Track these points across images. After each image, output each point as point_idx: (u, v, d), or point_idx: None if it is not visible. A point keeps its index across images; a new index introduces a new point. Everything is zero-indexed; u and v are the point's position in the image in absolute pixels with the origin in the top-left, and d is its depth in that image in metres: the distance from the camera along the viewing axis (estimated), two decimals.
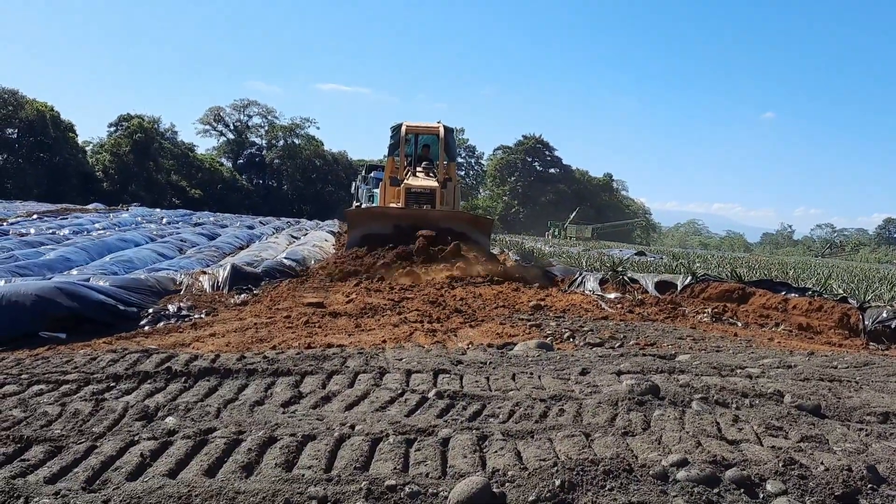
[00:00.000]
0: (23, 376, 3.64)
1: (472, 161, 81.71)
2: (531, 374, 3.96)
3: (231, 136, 69.86)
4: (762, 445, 2.81)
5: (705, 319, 7.33)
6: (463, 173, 73.75)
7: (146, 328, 5.76)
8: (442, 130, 12.55)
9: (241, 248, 14.24)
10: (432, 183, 11.94)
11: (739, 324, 7.26)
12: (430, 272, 9.39)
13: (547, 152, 79.37)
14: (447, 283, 8.86)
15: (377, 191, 14.94)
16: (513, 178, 77.77)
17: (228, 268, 8.51)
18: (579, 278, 9.95)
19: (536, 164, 79.64)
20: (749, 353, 5.10)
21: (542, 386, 3.72)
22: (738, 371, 4.17)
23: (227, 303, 7.27)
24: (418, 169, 12.65)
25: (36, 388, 3.46)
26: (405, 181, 11.99)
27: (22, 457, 2.53)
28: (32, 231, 14.00)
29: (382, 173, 14.83)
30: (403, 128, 12.57)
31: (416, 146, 13.32)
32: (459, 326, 6.23)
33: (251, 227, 21.54)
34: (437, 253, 10.04)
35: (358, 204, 20.64)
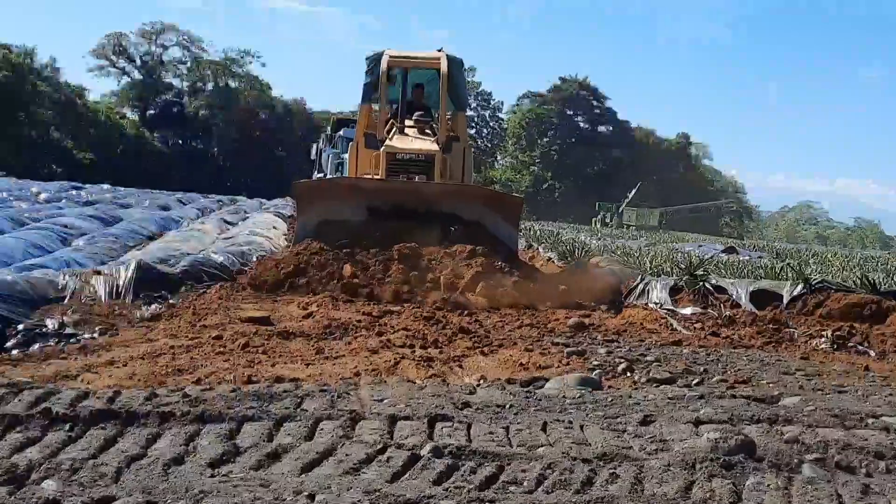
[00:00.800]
0: None
1: (487, 115, 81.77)
2: (570, 422, 3.96)
3: (138, 75, 69.79)
4: None
5: (823, 346, 7.33)
6: (474, 132, 73.81)
7: (14, 352, 5.74)
8: (445, 63, 11.75)
9: (152, 239, 14.22)
10: (429, 144, 11.34)
11: (872, 353, 7.26)
12: (421, 294, 8.69)
13: (595, 102, 79.32)
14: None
15: (347, 156, 13.73)
16: (545, 140, 77.72)
17: (133, 266, 8.49)
18: (640, 285, 9.93)
19: (580, 118, 79.61)
20: (887, 395, 5.09)
21: (585, 440, 3.72)
22: (871, 421, 4.17)
23: (131, 317, 7.25)
24: (408, 123, 11.90)
25: None
26: (388, 141, 11.32)
27: None
28: None
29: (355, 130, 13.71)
30: (385, 58, 11.74)
31: (406, 88, 12.59)
32: (467, 353, 6.22)
33: (166, 208, 21.49)
34: (429, 264, 9.28)
35: (321, 176, 20.52)
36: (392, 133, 11.64)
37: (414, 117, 11.96)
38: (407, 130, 11.80)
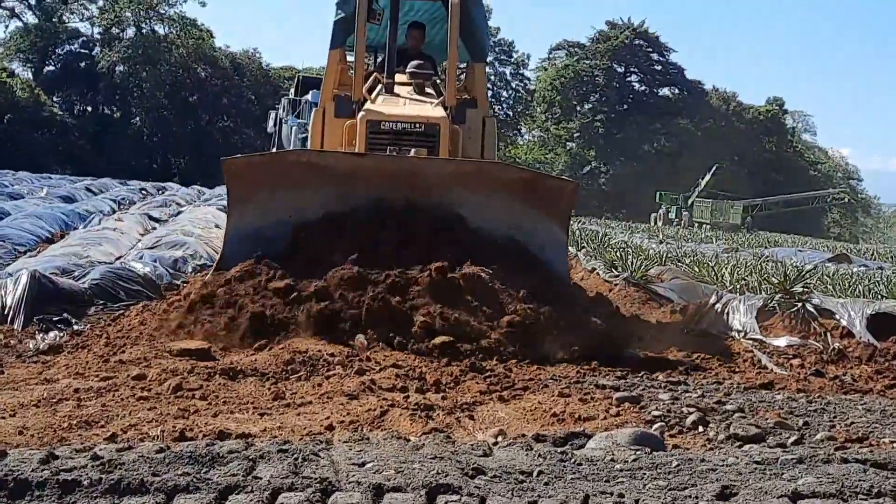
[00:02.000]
0: None
1: (508, 73, 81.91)
2: (621, 496, 3.96)
3: (32, 18, 70.09)
4: None
5: None
6: (490, 95, 73.88)
7: None
8: None
9: (52, 241, 14.28)
10: (430, 109, 10.25)
11: None
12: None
13: (655, 56, 79.52)
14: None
15: (310, 128, 12.39)
16: (587, 107, 77.87)
17: (25, 279, 8.50)
18: (718, 306, 9.93)
19: (633, 77, 79.83)
20: None
21: None
22: None
23: (21, 348, 7.26)
24: (400, 79, 10.81)
25: None
26: (368, 104, 10.25)
27: None
28: None
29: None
30: None
31: (395, 28, 11.13)
32: (479, 399, 6.22)
33: (71, 200, 21.57)
34: (427, 322, 7.81)
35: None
36: (376, 93, 10.45)
37: (409, 69, 10.78)
38: (398, 89, 10.68)
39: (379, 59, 12.00)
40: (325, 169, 9.14)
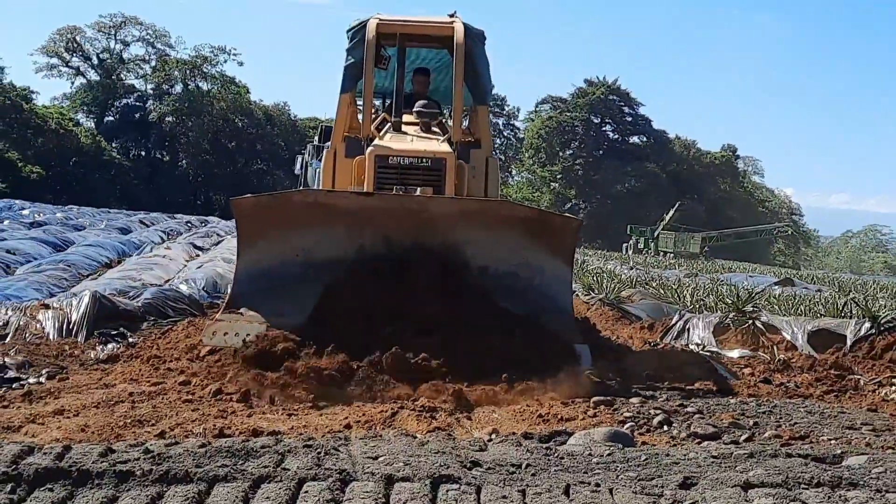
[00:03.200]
0: None
1: (501, 123, 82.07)
2: (597, 485, 3.94)
3: (94, 76, 70.31)
4: None
5: (894, 396, 7.29)
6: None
7: None
8: (461, 33, 9.70)
9: (110, 266, 14.29)
10: (436, 145, 9.27)
11: None
12: None
13: (626, 109, 79.69)
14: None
15: (321, 170, 11.10)
16: (568, 153, 77.98)
17: (87, 299, 8.51)
18: (680, 323, 9.92)
19: (608, 127, 79.99)
20: None
21: None
22: None
23: (84, 358, 7.26)
24: (407, 118, 9.83)
25: None
26: (377, 140, 9.27)
27: None
28: None
29: None
30: (372, 26, 9.69)
31: (402, 72, 10.32)
32: (477, 402, 6.20)
33: (126, 231, 21.62)
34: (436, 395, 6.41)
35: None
36: (384, 131, 9.54)
37: (416, 108, 9.77)
38: (405, 128, 9.61)
39: (387, 104, 10.89)
40: (332, 209, 8.10)
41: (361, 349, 6.83)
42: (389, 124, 9.58)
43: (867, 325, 8.97)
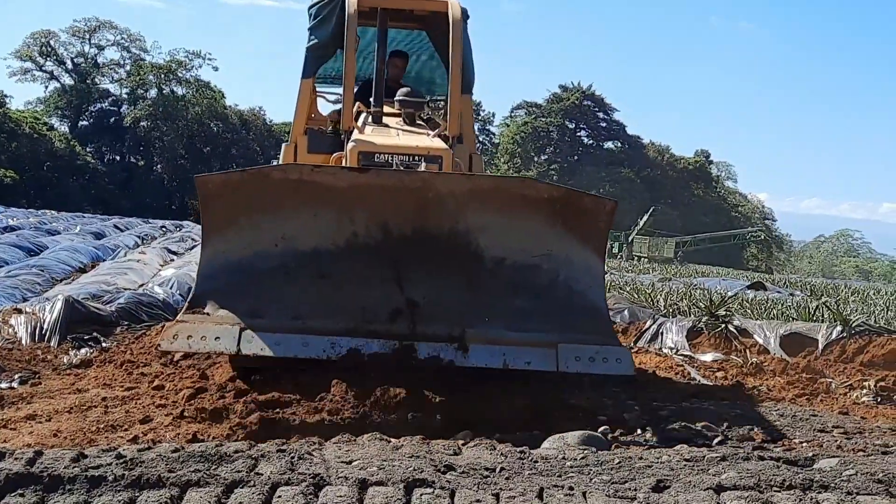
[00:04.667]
0: None
1: (477, 128, 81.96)
2: (571, 489, 3.95)
3: (69, 80, 69.88)
4: None
5: (865, 399, 7.35)
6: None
7: None
8: (457, 9, 8.53)
9: (84, 271, 14.19)
10: (429, 140, 7.95)
11: None
12: None
13: (601, 114, 80.00)
14: None
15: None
16: (543, 157, 78.14)
17: (61, 304, 8.46)
18: (653, 327, 9.95)
19: (583, 133, 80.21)
20: None
21: None
22: None
23: (57, 363, 7.22)
24: (389, 109, 8.56)
25: None
26: (358, 134, 7.94)
27: None
28: None
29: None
30: (353, 1, 8.37)
31: (383, 54, 8.79)
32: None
33: (100, 236, 21.46)
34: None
35: None
36: (362, 122, 8.21)
37: (399, 96, 8.46)
38: (387, 120, 8.37)
39: (358, 85, 9.16)
40: (319, 188, 6.46)
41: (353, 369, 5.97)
42: (365, 115, 8.31)
43: (839, 328, 9.06)
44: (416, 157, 7.53)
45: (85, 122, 69.32)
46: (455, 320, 6.30)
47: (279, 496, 3.71)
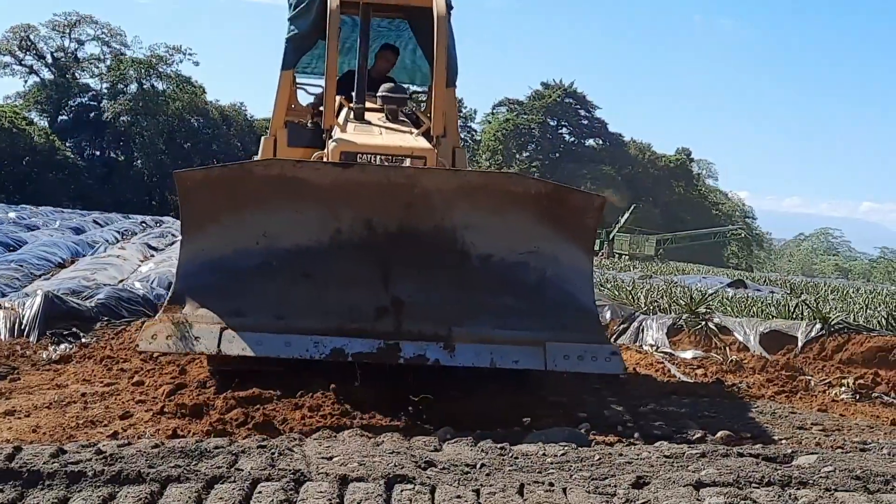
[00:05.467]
0: None
1: (458, 125, 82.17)
2: (551, 485, 3.96)
3: (48, 74, 69.46)
4: None
5: (843, 396, 7.39)
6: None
7: None
8: (442, 3, 8.28)
9: (63, 266, 14.14)
10: (413, 140, 7.74)
11: None
12: None
13: (583, 112, 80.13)
14: None
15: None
16: (525, 155, 78.24)
17: (40, 299, 8.43)
18: (634, 324, 9.98)
19: (564, 130, 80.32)
20: None
21: None
22: None
23: (36, 358, 7.19)
24: (371, 105, 8.29)
25: None
26: (340, 133, 7.80)
27: None
28: None
29: None
30: None
31: (366, 48, 8.52)
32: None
33: (80, 231, 21.39)
34: None
35: None
36: (343, 119, 8.05)
37: (381, 92, 8.26)
38: (369, 116, 8.12)
39: (340, 82, 8.71)
40: (301, 184, 6.35)
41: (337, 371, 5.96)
42: (348, 110, 8.12)
43: (818, 326, 9.11)
44: (400, 158, 7.35)
45: (65, 117, 68.87)
46: (441, 319, 6.17)
47: (259, 492, 3.70)
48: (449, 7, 8.48)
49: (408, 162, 7.24)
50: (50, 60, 69.53)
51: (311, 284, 6.25)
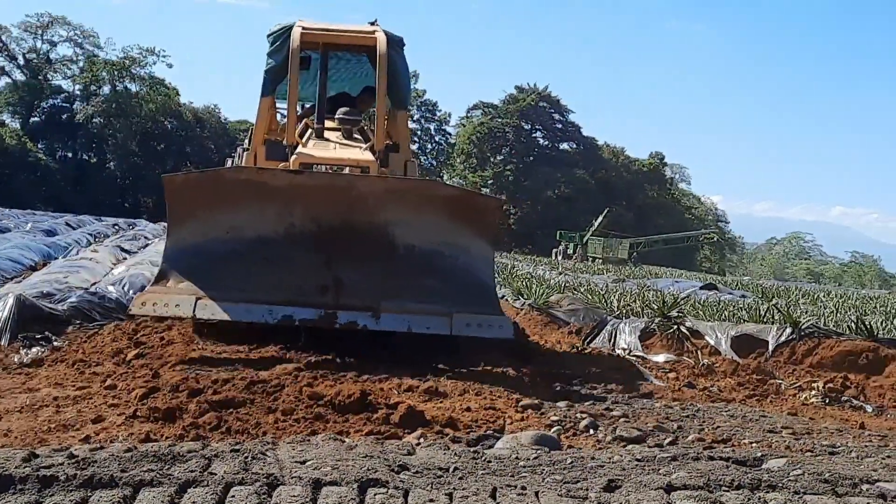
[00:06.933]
0: None
1: (432, 128, 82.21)
2: (523, 489, 3.97)
3: (20, 76, 69.11)
4: None
5: (813, 400, 7.46)
6: (416, 147, 74.07)
7: None
8: (383, 43, 9.83)
9: (35, 269, 14.03)
10: (359, 153, 9.31)
11: (869, 408, 7.40)
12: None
13: (557, 115, 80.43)
14: None
15: None
16: (499, 158, 78.42)
17: (11, 302, 8.38)
18: (607, 328, 10.02)
19: (538, 134, 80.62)
20: (884, 457, 5.19)
21: None
22: (865, 488, 4.24)
23: (7, 362, 7.14)
24: (330, 124, 9.96)
25: None
26: (301, 148, 9.31)
27: None
28: None
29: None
30: (297, 35, 9.78)
31: (325, 78, 10.45)
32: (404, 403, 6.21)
33: (52, 233, 21.23)
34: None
35: None
36: (306, 138, 9.57)
37: (338, 115, 9.85)
38: (328, 134, 9.73)
39: (307, 106, 10.99)
40: (263, 186, 7.97)
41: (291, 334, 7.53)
42: (311, 130, 9.67)
43: (788, 330, 9.18)
44: (346, 169, 8.97)
45: (37, 119, 68.56)
46: (371, 295, 7.66)
47: (233, 496, 3.70)
48: (401, 45, 10.16)
49: (347, 170, 8.91)
50: (22, 62, 69.22)
51: (269, 266, 7.77)
